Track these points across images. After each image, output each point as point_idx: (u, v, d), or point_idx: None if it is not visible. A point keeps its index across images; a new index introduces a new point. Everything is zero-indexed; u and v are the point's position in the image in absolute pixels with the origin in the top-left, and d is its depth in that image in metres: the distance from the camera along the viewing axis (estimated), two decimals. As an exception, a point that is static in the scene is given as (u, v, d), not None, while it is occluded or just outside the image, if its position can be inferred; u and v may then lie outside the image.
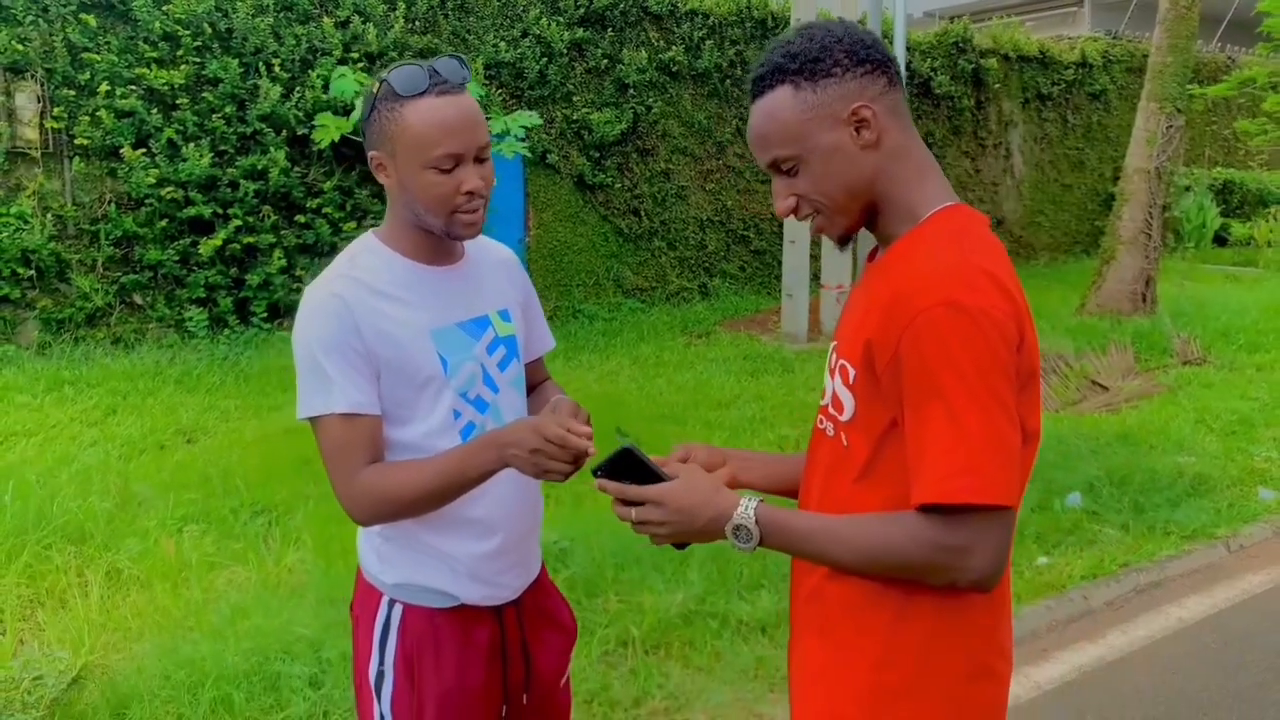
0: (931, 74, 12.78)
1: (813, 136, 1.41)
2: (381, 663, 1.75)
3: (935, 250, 1.37)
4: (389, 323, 1.66)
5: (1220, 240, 15.37)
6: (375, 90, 1.65)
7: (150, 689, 3.03)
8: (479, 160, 1.66)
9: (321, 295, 1.66)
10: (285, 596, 3.73)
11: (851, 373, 1.42)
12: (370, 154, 1.68)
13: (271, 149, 8.17)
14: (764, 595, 3.90)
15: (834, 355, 1.50)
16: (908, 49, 10.78)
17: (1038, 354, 1.39)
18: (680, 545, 1.52)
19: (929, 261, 1.35)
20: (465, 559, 1.74)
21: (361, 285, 1.66)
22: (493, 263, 1.88)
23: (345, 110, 8.30)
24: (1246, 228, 14.86)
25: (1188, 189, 15.06)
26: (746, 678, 3.43)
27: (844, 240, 1.51)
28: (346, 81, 8.02)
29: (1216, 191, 15.75)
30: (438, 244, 1.75)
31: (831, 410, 1.48)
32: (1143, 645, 3.86)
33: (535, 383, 2.00)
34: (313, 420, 1.67)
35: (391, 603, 1.76)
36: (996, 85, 13.62)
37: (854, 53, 1.41)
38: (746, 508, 1.41)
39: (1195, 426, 6.42)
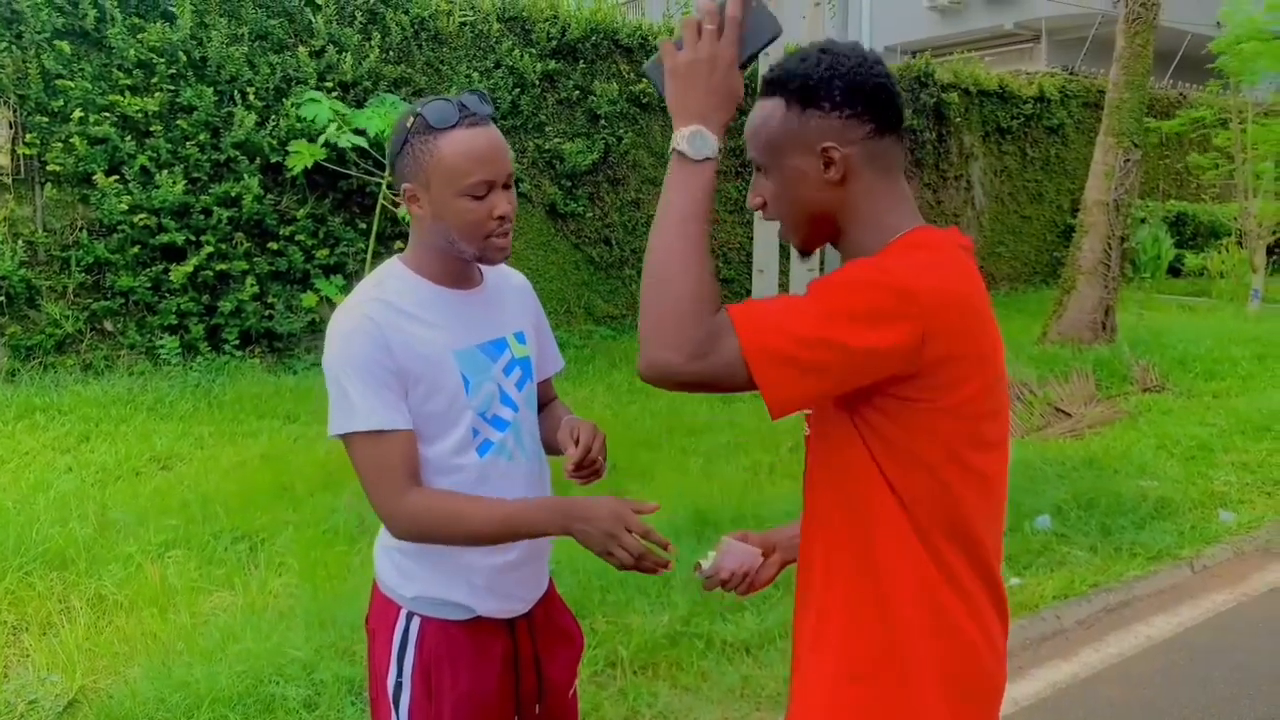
0: (895, 107, 13.03)
1: (784, 154, 1.48)
2: (400, 674, 1.80)
3: None
4: (416, 343, 1.73)
5: (1174, 271, 15.75)
6: (409, 124, 1.73)
7: (146, 712, 3.05)
8: (506, 187, 1.75)
9: (352, 317, 1.73)
10: (274, 620, 3.74)
11: None
12: (403, 186, 1.76)
13: (245, 176, 8.18)
14: (747, 616, 3.97)
15: None
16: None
17: (997, 356, 1.45)
18: None
19: None
20: (484, 571, 1.81)
21: (390, 307, 1.74)
22: (508, 288, 1.97)
23: (316, 137, 8.34)
24: (1200, 259, 15.24)
25: (1143, 221, 15.43)
26: (733, 697, 3.50)
27: (803, 252, 1.59)
28: (320, 107, 8.08)
29: (1170, 223, 16.16)
30: (461, 269, 1.83)
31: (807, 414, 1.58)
32: (1114, 662, 3.98)
33: (544, 401, 2.08)
34: (346, 437, 1.72)
35: (410, 615, 1.81)
36: (957, 119, 13.92)
37: (849, 91, 1.44)
38: None
39: (1157, 451, 6.60)
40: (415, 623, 1.81)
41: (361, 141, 8.06)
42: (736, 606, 4.06)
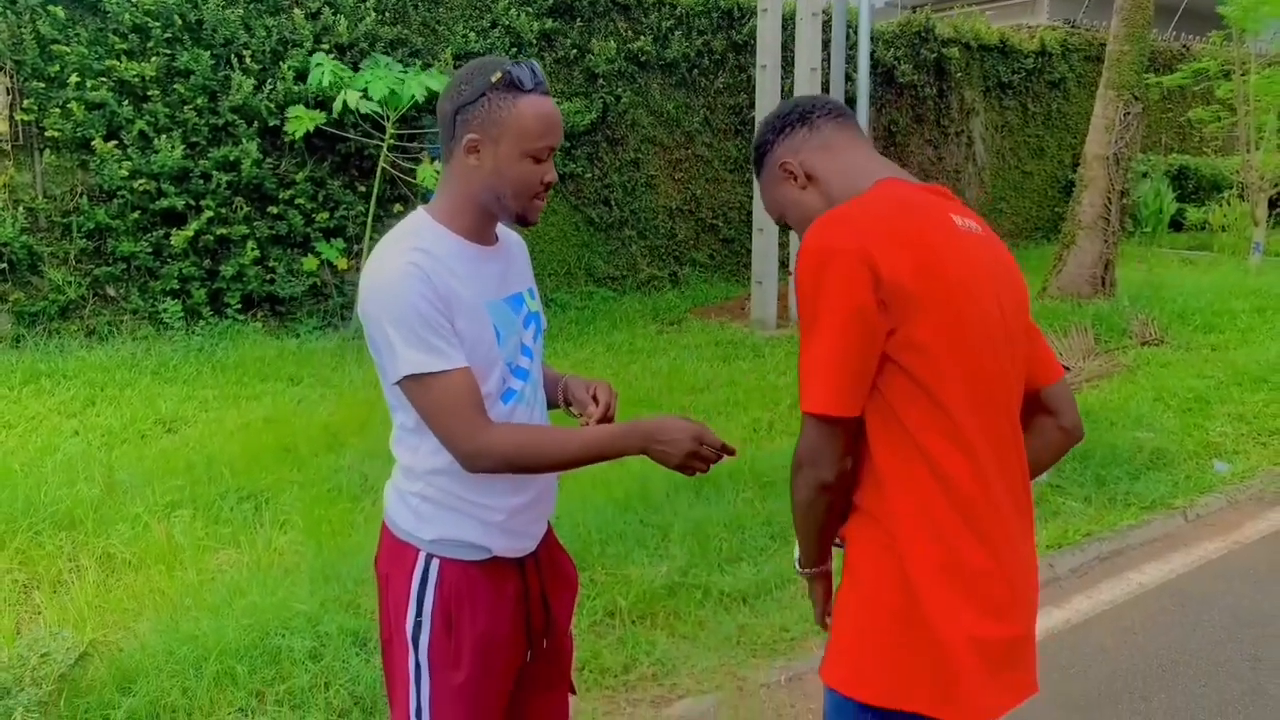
0: (895, 63, 12.97)
1: (775, 198, 1.85)
2: (419, 614, 1.86)
3: None
4: (457, 294, 1.79)
5: (1176, 225, 15.71)
6: (493, 80, 1.78)
7: (155, 664, 3.12)
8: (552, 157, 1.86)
9: (399, 264, 1.75)
10: (280, 575, 3.81)
11: None
12: (468, 137, 1.80)
13: (243, 140, 8.18)
14: (744, 567, 4.05)
15: None
16: (871, 39, 10.94)
17: (921, 280, 1.56)
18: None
19: None
20: (502, 511, 1.88)
21: (431, 256, 1.78)
22: (513, 245, 2.05)
23: (318, 101, 8.34)
24: (1201, 212, 15.20)
25: (1145, 175, 15.36)
26: (730, 644, 3.58)
27: None
28: (322, 71, 8.07)
29: (1172, 177, 16.08)
30: (489, 225, 1.90)
31: None
32: (1105, 609, 4.05)
33: None
34: (419, 379, 1.75)
35: (429, 558, 1.87)
36: (958, 74, 13.83)
37: (775, 124, 1.83)
38: None
39: (1154, 404, 6.64)
40: (435, 564, 1.87)
41: (374, 107, 8.07)
42: (733, 558, 4.13)
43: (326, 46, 8.60)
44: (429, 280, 1.74)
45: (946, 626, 1.58)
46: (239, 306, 8.26)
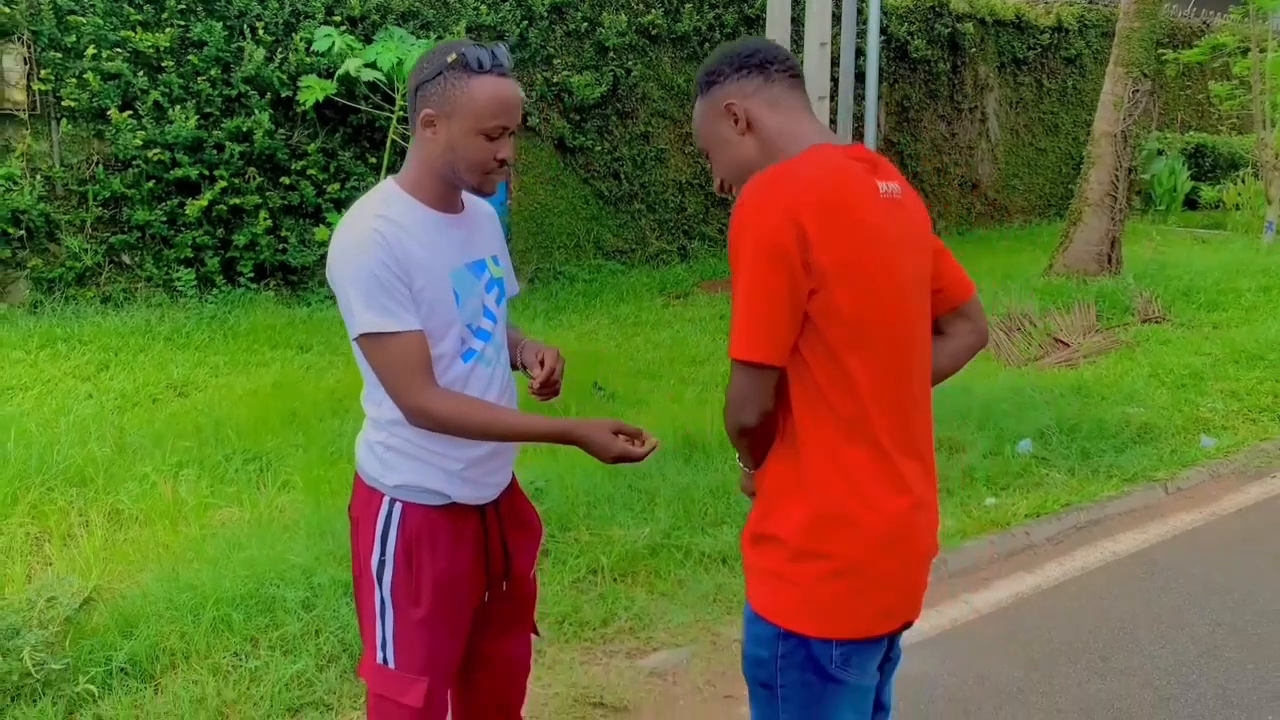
0: (908, 38, 12.96)
1: (708, 130, 1.86)
2: (383, 554, 2.03)
3: None
4: (418, 259, 1.93)
5: (1192, 203, 15.65)
6: (449, 60, 1.91)
7: (155, 610, 3.29)
8: (511, 134, 1.98)
9: (363, 229, 1.90)
10: (278, 532, 3.98)
11: None
12: (424, 111, 1.94)
13: (256, 111, 8.32)
14: (726, 530, 4.18)
15: None
16: (884, 13, 10.96)
17: (843, 248, 1.66)
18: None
19: None
20: (461, 461, 2.02)
21: (394, 224, 1.93)
22: (481, 214, 2.18)
23: (329, 72, 8.46)
24: (1215, 191, 15.12)
25: (1160, 153, 15.30)
26: (706, 602, 3.72)
27: None
28: (329, 41, 8.18)
29: (1189, 155, 16.00)
30: (452, 195, 2.04)
31: None
32: (1076, 575, 4.16)
33: None
34: (373, 336, 1.90)
35: (393, 502, 2.03)
36: (973, 49, 13.80)
37: (734, 61, 1.82)
38: None
39: (1148, 380, 6.71)
40: (397, 508, 2.04)
41: (378, 75, 8.16)
42: (716, 521, 4.26)
43: (338, 18, 8.71)
44: (389, 247, 1.89)
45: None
46: (252, 275, 8.42)
